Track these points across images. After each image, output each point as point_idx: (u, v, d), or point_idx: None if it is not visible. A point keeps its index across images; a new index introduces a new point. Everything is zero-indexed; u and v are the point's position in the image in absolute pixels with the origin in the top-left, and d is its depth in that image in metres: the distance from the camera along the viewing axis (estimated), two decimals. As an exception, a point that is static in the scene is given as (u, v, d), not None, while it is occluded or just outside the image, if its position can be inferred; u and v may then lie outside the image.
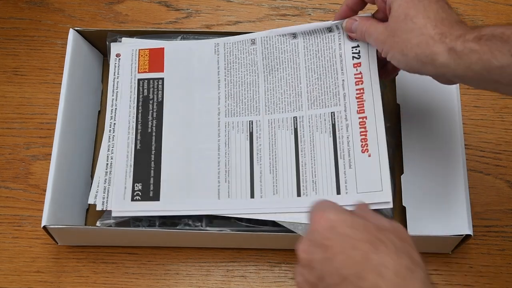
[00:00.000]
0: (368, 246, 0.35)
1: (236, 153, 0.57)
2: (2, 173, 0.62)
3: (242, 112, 0.58)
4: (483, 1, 0.70)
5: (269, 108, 0.58)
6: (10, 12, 0.70)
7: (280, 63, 0.59)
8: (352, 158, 0.54)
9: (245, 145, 0.57)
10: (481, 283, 0.57)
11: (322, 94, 0.56)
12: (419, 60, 0.45)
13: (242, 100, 0.58)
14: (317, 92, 0.57)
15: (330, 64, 0.57)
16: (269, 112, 0.57)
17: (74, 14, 0.70)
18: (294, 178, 0.54)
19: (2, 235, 0.60)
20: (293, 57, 0.58)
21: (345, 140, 0.54)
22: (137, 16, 0.70)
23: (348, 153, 0.54)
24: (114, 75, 0.61)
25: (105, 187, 0.56)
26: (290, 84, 0.58)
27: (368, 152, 0.53)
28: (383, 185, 0.52)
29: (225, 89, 0.59)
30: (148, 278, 0.58)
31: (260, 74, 0.59)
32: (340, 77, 0.56)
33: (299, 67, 0.58)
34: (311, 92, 0.57)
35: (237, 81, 0.59)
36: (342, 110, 0.55)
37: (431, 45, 0.44)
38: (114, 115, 0.60)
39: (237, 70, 0.60)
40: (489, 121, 0.64)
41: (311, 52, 0.58)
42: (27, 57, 0.68)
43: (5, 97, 0.66)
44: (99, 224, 0.56)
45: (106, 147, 0.58)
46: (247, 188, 0.55)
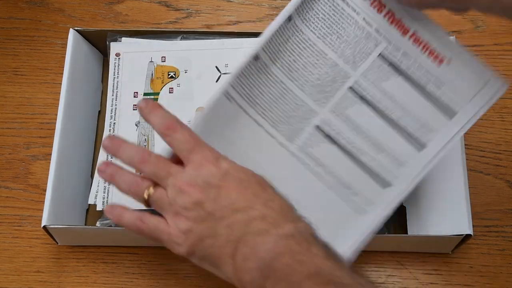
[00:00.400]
0: (258, 186, 0.40)
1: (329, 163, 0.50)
2: (2, 173, 0.62)
3: (300, 124, 0.50)
4: (483, 1, 0.70)
5: (320, 101, 0.49)
6: (10, 12, 0.70)
7: (292, 53, 0.49)
8: (435, 77, 0.48)
9: (333, 151, 0.50)
10: (481, 283, 0.57)
11: (356, 46, 0.49)
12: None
13: (291, 116, 0.50)
14: (349, 49, 0.49)
15: (339, 15, 0.49)
16: (324, 102, 0.49)
17: (74, 14, 0.70)
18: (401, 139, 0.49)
19: (2, 235, 0.60)
20: (300, 37, 0.49)
21: (414, 67, 0.48)
22: (137, 16, 0.70)
23: (428, 75, 0.48)
24: (114, 75, 0.61)
25: (105, 186, 0.57)
26: (317, 64, 0.49)
27: (447, 59, 0.48)
28: (485, 73, 0.48)
29: (265, 120, 0.50)
30: (148, 278, 0.58)
31: (282, 78, 0.49)
32: (359, 18, 0.49)
33: (313, 42, 0.49)
34: (342, 53, 0.49)
35: (268, 104, 0.49)
36: (386, 44, 0.49)
37: None
38: (114, 115, 0.60)
39: (260, 96, 0.49)
40: (489, 121, 0.64)
41: (313, 18, 0.49)
42: (27, 57, 0.68)
43: (5, 97, 0.66)
44: (99, 224, 0.56)
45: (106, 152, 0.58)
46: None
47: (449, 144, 0.49)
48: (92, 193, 0.57)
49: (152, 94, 0.61)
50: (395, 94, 0.49)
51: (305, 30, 0.49)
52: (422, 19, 0.49)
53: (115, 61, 0.62)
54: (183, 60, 0.62)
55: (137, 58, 0.62)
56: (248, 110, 0.49)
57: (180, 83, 0.61)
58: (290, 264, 0.36)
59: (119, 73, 0.61)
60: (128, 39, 0.63)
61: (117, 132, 0.59)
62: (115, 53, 0.62)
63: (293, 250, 0.36)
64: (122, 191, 0.44)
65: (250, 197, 0.40)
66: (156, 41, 0.62)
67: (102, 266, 0.58)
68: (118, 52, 0.62)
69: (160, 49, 0.62)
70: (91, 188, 0.57)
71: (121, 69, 0.61)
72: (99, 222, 0.56)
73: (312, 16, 0.49)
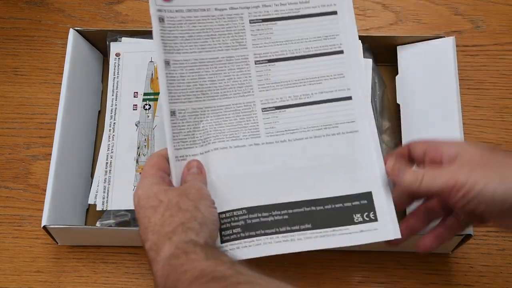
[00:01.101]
0: (151, 210, 0.43)
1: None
2: (2, 173, 0.62)
3: (251, 120, 0.52)
4: (483, 1, 0.70)
5: (246, 91, 0.52)
6: (10, 12, 0.70)
7: (193, 80, 0.51)
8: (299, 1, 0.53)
9: (290, 114, 0.52)
10: (481, 283, 0.57)
11: (229, 31, 0.52)
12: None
13: (239, 121, 0.52)
14: (228, 38, 0.52)
15: (196, 24, 0.52)
16: (250, 90, 0.52)
17: (74, 14, 0.70)
18: None
19: (2, 235, 0.60)
20: (188, 66, 0.51)
21: (279, 8, 0.53)
22: (137, 16, 0.70)
23: (292, 5, 0.53)
24: (114, 75, 0.61)
25: (105, 186, 0.57)
26: (218, 70, 0.52)
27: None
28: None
29: (224, 142, 0.51)
30: (148, 278, 0.58)
31: (206, 104, 0.51)
32: (212, 12, 0.52)
33: (199, 58, 0.51)
34: (226, 45, 0.52)
35: (215, 131, 0.51)
36: (246, 11, 0.53)
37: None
38: (114, 115, 0.60)
39: (204, 132, 0.50)
40: (489, 121, 0.64)
41: (181, 44, 0.51)
42: (27, 57, 0.68)
43: (5, 97, 0.66)
44: (99, 224, 0.56)
45: (106, 147, 0.58)
46: None
47: (354, 30, 0.53)
48: (92, 193, 0.57)
49: (152, 94, 0.61)
50: (287, 36, 0.53)
51: (185, 58, 0.51)
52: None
53: (115, 61, 0.62)
54: None
55: (137, 58, 0.62)
56: (204, 148, 0.50)
57: None
58: (177, 279, 0.39)
59: (119, 73, 0.61)
60: (128, 39, 0.63)
61: (117, 132, 0.59)
62: (115, 53, 0.62)
63: (176, 266, 0.40)
64: None
65: (143, 227, 0.43)
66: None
67: (102, 266, 0.58)
68: (118, 52, 0.62)
69: None
70: (91, 188, 0.57)
71: (121, 69, 0.61)
72: (99, 222, 0.56)
73: (179, 42, 0.51)
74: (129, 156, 0.58)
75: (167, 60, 0.50)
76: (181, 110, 0.50)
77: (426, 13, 0.70)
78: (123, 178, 0.57)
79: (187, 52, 0.51)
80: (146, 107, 0.60)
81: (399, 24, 0.69)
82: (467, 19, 0.69)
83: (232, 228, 0.47)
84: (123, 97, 0.61)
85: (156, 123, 0.60)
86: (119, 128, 0.59)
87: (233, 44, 0.52)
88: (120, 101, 0.60)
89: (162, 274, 0.40)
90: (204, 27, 0.51)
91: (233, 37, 0.52)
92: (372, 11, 0.70)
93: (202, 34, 0.51)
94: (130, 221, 0.56)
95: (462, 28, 0.69)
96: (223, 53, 0.52)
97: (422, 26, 0.69)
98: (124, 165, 0.58)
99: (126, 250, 0.59)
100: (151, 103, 0.60)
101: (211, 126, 0.50)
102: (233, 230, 0.47)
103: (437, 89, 0.61)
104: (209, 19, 0.52)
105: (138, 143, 0.59)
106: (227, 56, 0.52)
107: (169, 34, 0.50)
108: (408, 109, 0.61)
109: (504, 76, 0.67)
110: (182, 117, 0.49)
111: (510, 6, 0.70)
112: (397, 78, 0.63)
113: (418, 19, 0.69)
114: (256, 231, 0.47)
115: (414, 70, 0.62)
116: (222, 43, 0.52)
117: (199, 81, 0.51)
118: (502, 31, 0.69)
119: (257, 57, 0.52)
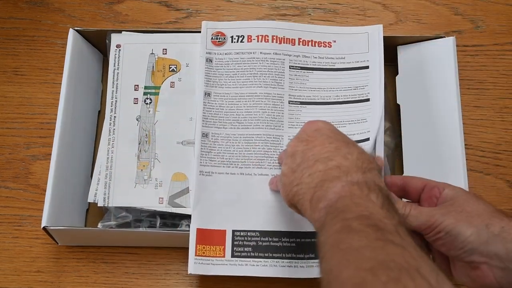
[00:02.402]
0: (342, 143, 0.46)
1: None
2: (2, 173, 0.62)
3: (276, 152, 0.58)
4: (483, 1, 0.70)
5: (277, 126, 0.58)
6: (10, 12, 0.70)
7: (230, 111, 0.59)
8: (334, 55, 0.61)
9: None
10: (481, 283, 0.57)
11: (270, 72, 0.59)
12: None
13: (267, 150, 0.57)
14: (268, 78, 0.59)
15: (242, 62, 0.60)
16: (280, 125, 0.58)
17: (74, 14, 0.70)
18: None
19: (2, 235, 0.60)
20: (227, 99, 0.59)
21: (317, 59, 0.61)
22: (137, 16, 0.70)
23: (329, 58, 0.61)
24: (114, 66, 0.61)
25: (106, 182, 0.56)
26: (254, 103, 0.59)
27: (331, 40, 0.62)
28: (362, 29, 0.62)
29: (250, 168, 0.57)
30: (148, 278, 0.58)
31: (238, 131, 0.58)
32: (257, 55, 0.60)
33: (239, 92, 0.59)
34: (266, 83, 0.59)
35: (242, 156, 0.57)
36: (288, 57, 0.60)
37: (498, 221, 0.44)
38: (114, 108, 0.59)
39: (232, 155, 0.57)
40: (489, 121, 0.64)
41: (225, 79, 0.60)
42: (27, 57, 0.68)
43: (5, 97, 0.66)
44: (100, 226, 0.56)
45: (107, 141, 0.58)
46: None
47: (382, 79, 0.59)
48: (91, 191, 0.57)
49: (153, 88, 0.60)
50: (321, 84, 0.60)
51: (227, 91, 0.59)
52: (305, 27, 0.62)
53: (115, 53, 0.61)
54: (184, 53, 0.62)
55: (138, 49, 0.62)
56: (231, 170, 0.56)
57: (181, 77, 0.61)
58: (348, 205, 0.40)
59: (119, 64, 0.61)
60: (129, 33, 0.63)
61: (118, 126, 0.59)
62: (115, 44, 0.61)
63: (354, 194, 0.41)
64: None
65: (332, 150, 0.45)
66: (158, 34, 0.62)
67: (102, 266, 0.58)
68: (119, 43, 0.62)
69: (161, 41, 0.62)
70: (91, 186, 0.57)
71: (121, 61, 0.61)
72: (101, 223, 0.56)
73: (224, 78, 0.59)
74: (130, 151, 0.58)
75: (208, 92, 0.58)
76: (215, 134, 0.57)
77: (426, 13, 0.70)
78: (124, 174, 0.57)
79: (230, 87, 0.59)
80: (147, 101, 0.60)
81: (399, 24, 0.69)
82: (467, 19, 0.69)
83: (244, 246, 0.53)
84: (123, 90, 0.60)
85: (158, 118, 0.59)
86: (120, 121, 0.59)
87: (272, 83, 0.59)
88: (121, 94, 0.60)
89: (337, 191, 0.41)
90: (248, 67, 0.59)
91: (273, 77, 0.59)
92: (372, 11, 0.70)
93: (246, 72, 0.59)
94: (131, 222, 0.56)
95: (462, 28, 0.69)
96: (262, 89, 0.59)
97: (422, 26, 0.69)
98: (125, 161, 0.57)
99: (126, 250, 0.59)
100: (152, 97, 0.60)
101: (241, 151, 0.56)
102: (244, 248, 0.53)
103: (437, 89, 0.61)
104: (254, 61, 0.60)
105: (139, 139, 0.58)
106: (265, 93, 0.58)
107: (215, 71, 0.59)
108: (408, 109, 0.61)
109: (504, 76, 0.67)
110: (214, 140, 0.57)
111: (510, 6, 0.70)
112: (397, 78, 0.63)
113: (418, 19, 0.69)
114: (265, 253, 0.53)
115: (414, 70, 0.62)
116: (262, 81, 0.59)
117: (236, 111, 0.58)
118: (502, 31, 0.69)
119: (291, 98, 0.59)
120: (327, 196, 0.42)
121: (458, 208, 0.46)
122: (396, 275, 0.32)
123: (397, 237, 0.37)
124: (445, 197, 0.48)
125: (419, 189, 0.50)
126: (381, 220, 0.38)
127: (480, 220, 0.44)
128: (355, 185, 0.41)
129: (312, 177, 0.44)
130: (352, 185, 0.41)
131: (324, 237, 0.39)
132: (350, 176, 0.42)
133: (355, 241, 0.36)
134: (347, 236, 0.37)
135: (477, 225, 0.44)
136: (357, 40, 0.61)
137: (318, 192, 0.43)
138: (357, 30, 0.62)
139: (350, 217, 0.38)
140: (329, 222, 0.39)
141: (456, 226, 0.44)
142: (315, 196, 0.43)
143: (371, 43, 0.61)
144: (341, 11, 0.70)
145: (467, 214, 0.45)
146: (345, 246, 0.36)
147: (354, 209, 0.39)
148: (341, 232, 0.38)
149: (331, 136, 0.47)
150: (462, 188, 0.49)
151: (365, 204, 0.40)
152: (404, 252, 0.35)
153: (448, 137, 0.59)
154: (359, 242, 0.36)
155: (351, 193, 0.41)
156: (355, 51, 0.61)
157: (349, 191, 0.41)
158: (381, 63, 0.59)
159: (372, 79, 0.59)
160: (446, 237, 0.45)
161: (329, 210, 0.41)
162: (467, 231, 0.44)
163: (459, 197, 0.47)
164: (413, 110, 0.61)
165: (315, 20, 0.69)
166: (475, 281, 0.46)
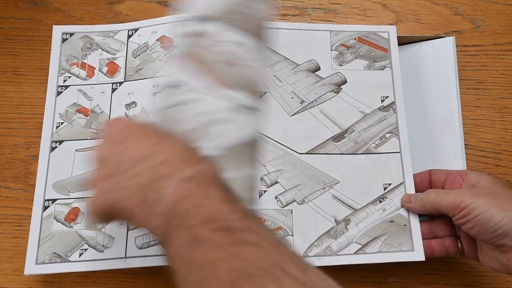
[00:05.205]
0: (160, 136, 0.41)
1: None
2: (2, 173, 0.62)
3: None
4: (483, 1, 0.70)
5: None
6: (10, 12, 0.70)
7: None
8: None
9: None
10: (481, 283, 0.57)
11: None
12: None
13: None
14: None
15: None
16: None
17: (74, 14, 0.70)
18: None
19: (2, 235, 0.60)
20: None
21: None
22: (137, 16, 0.70)
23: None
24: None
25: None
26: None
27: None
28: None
29: None
30: (148, 278, 0.58)
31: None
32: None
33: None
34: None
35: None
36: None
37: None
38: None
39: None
40: (489, 121, 0.64)
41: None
42: (27, 57, 0.68)
43: (5, 97, 0.66)
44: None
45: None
46: None
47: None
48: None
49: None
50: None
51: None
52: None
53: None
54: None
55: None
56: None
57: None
58: (189, 209, 0.36)
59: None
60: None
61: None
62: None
63: (192, 194, 0.37)
64: None
65: (152, 146, 0.40)
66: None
67: (102, 266, 0.58)
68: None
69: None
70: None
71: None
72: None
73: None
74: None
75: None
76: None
77: (426, 13, 0.70)
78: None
79: None
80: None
81: (399, 24, 0.69)
82: (467, 19, 0.69)
83: None
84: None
85: None
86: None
87: None
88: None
89: (172, 193, 0.37)
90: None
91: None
92: (372, 11, 0.70)
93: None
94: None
95: (462, 28, 0.69)
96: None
97: (422, 26, 0.69)
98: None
99: (126, 250, 0.59)
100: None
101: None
102: None
103: (437, 89, 0.61)
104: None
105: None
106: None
107: None
108: (408, 109, 0.61)
109: (503, 76, 0.67)
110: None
111: (510, 6, 0.70)
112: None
113: (418, 19, 0.69)
114: None
115: (414, 70, 0.62)
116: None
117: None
118: (502, 31, 0.69)
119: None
120: (162, 200, 0.37)
121: (487, 191, 0.47)
122: (260, 282, 0.31)
123: (249, 234, 0.35)
124: (469, 180, 0.49)
125: (443, 180, 0.51)
126: (228, 218, 0.36)
127: (510, 204, 0.45)
128: (191, 182, 0.37)
129: (137, 179, 0.39)
130: (187, 182, 0.37)
131: (172, 251, 0.36)
132: (182, 172, 0.38)
133: (209, 254, 0.34)
134: (198, 249, 0.34)
135: (508, 209, 0.45)
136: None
137: (149, 194, 0.38)
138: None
139: (194, 223, 0.36)
140: (174, 233, 0.36)
141: (489, 209, 0.45)
142: (148, 199, 0.38)
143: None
144: (341, 11, 0.70)
145: (497, 197, 0.46)
146: (199, 262, 0.34)
147: (197, 213, 0.36)
148: (190, 244, 0.35)
149: (144, 131, 0.42)
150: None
151: (206, 204, 0.37)
152: (262, 251, 0.33)
153: (448, 137, 0.59)
154: (213, 254, 0.34)
155: (188, 194, 0.37)
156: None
157: (186, 191, 0.37)
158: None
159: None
160: (476, 220, 0.45)
161: (169, 217, 0.37)
162: (499, 215, 0.44)
163: (486, 181, 0.48)
164: (413, 110, 0.61)
165: (315, 20, 0.69)
166: (504, 265, 0.46)
